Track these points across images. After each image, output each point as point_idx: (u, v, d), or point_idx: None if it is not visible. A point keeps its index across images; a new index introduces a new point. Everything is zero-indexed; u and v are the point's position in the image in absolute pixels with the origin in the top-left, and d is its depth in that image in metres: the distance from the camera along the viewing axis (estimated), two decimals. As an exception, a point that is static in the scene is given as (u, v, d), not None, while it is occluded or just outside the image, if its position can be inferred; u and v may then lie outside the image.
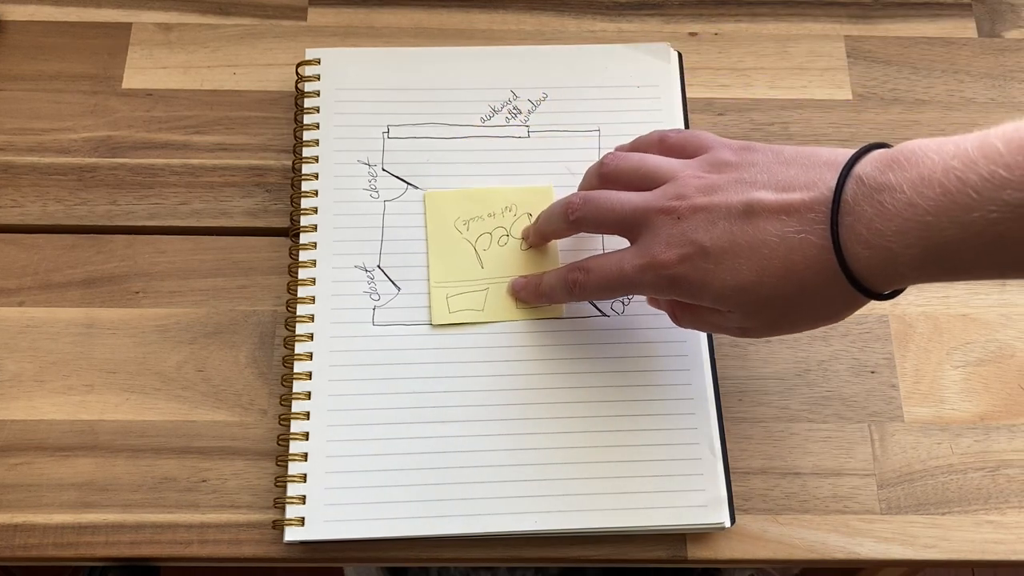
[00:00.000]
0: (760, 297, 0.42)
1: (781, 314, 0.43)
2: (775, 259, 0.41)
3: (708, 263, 0.43)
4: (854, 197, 0.39)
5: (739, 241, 0.42)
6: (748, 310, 0.43)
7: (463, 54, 0.60)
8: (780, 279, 0.41)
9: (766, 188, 0.42)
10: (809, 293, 0.41)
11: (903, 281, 0.40)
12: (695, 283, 0.44)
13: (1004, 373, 0.54)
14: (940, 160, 0.37)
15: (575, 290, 0.49)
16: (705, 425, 0.51)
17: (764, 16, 0.64)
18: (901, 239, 0.37)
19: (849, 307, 0.43)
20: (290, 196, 0.57)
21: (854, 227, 0.39)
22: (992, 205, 0.35)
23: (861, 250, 0.39)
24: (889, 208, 0.38)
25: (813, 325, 0.45)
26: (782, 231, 0.41)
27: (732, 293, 0.43)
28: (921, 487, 0.51)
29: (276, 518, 0.50)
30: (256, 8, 0.63)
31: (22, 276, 0.55)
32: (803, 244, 0.40)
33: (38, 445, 0.51)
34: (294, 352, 0.52)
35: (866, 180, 0.39)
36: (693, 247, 0.43)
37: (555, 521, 0.49)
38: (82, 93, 0.60)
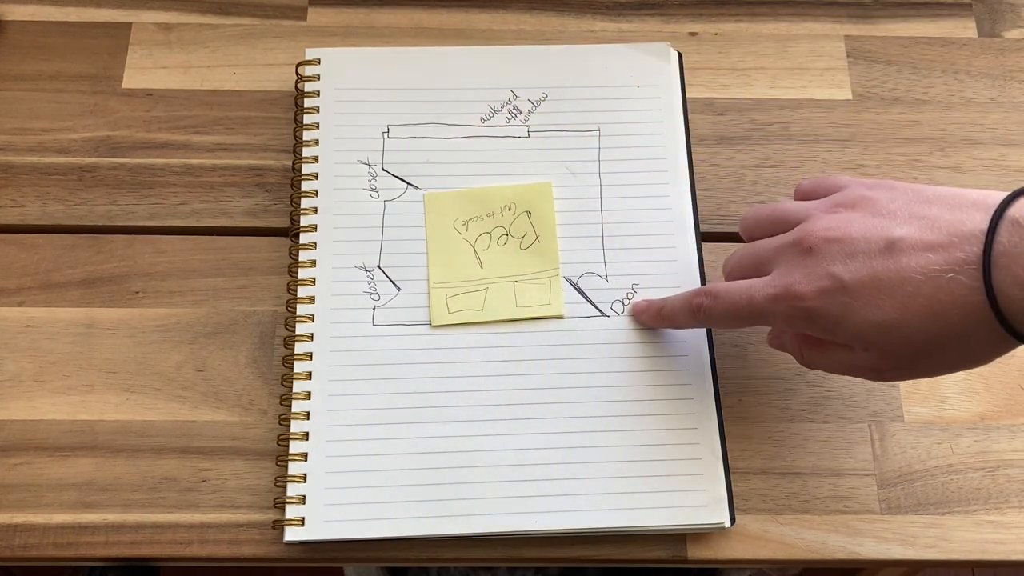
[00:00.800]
0: (902, 337, 0.41)
1: (921, 356, 0.42)
2: (920, 298, 0.40)
3: (847, 297, 0.41)
4: (1010, 239, 0.38)
5: (880, 277, 0.41)
6: (887, 350, 0.42)
7: (463, 54, 0.60)
8: (925, 319, 0.40)
9: (908, 225, 0.41)
10: (956, 336, 0.40)
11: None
12: (833, 317, 0.42)
13: (1004, 373, 0.54)
14: None
15: (699, 315, 0.48)
16: (705, 425, 0.51)
17: (764, 16, 0.64)
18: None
19: (995, 352, 0.41)
20: (290, 196, 0.57)
21: (1011, 268, 0.38)
22: None
23: (1017, 292, 0.37)
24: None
25: (953, 368, 0.43)
26: (927, 269, 0.40)
27: (872, 330, 0.41)
28: (921, 487, 0.51)
29: (276, 518, 0.50)
30: (256, 8, 0.63)
31: (22, 276, 0.55)
32: (951, 284, 0.39)
33: (38, 445, 0.51)
34: (294, 352, 0.52)
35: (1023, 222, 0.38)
36: (831, 280, 0.42)
37: (555, 521, 0.49)
38: (82, 93, 0.60)
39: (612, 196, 0.56)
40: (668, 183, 0.57)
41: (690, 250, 0.55)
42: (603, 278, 0.54)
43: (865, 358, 0.43)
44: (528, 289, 0.54)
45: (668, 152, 0.57)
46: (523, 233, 0.55)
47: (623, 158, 0.57)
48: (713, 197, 0.58)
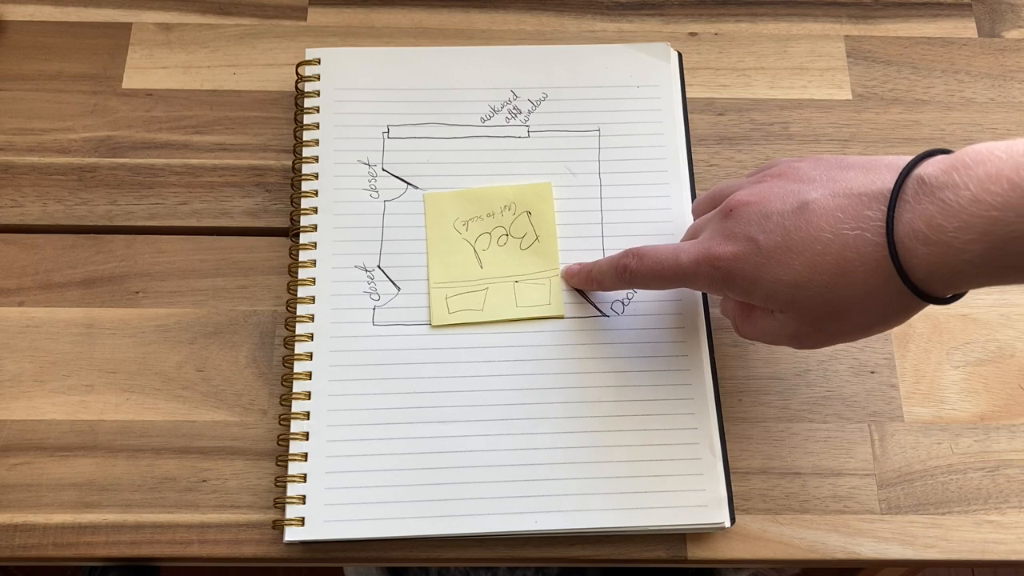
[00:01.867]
0: (811, 296, 0.41)
1: (832, 316, 0.42)
2: (828, 255, 0.40)
3: (761, 258, 0.42)
4: (914, 196, 0.38)
5: (792, 237, 0.42)
6: (799, 311, 0.43)
7: (463, 54, 0.60)
8: (832, 276, 0.41)
9: (822, 187, 0.42)
10: (862, 293, 0.41)
11: (962, 282, 0.39)
12: (748, 278, 0.43)
13: (1004, 373, 0.54)
14: (1009, 158, 0.36)
15: (625, 275, 0.49)
16: (705, 425, 0.51)
17: (764, 16, 0.64)
18: (963, 234, 0.37)
19: (904, 311, 0.42)
20: (290, 196, 0.57)
21: (913, 223, 0.38)
22: None
23: (919, 247, 0.38)
24: (952, 205, 0.37)
25: (866, 331, 0.44)
26: (836, 228, 0.40)
27: (784, 290, 0.42)
28: (921, 487, 0.51)
29: (276, 518, 0.50)
30: (256, 8, 0.63)
31: (22, 276, 0.55)
32: (857, 241, 0.40)
33: (38, 445, 0.51)
34: (294, 352, 0.52)
35: (928, 179, 0.38)
36: (747, 242, 0.43)
37: (555, 521, 0.49)
38: (82, 93, 0.60)
39: (612, 196, 0.56)
40: (668, 183, 0.57)
41: (690, 250, 0.55)
42: (603, 278, 0.54)
43: (783, 322, 0.44)
44: (528, 289, 0.54)
45: (668, 152, 0.57)
46: (523, 233, 0.55)
47: (623, 158, 0.57)
48: (713, 197, 0.58)
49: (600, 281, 0.51)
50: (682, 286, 0.47)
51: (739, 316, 0.47)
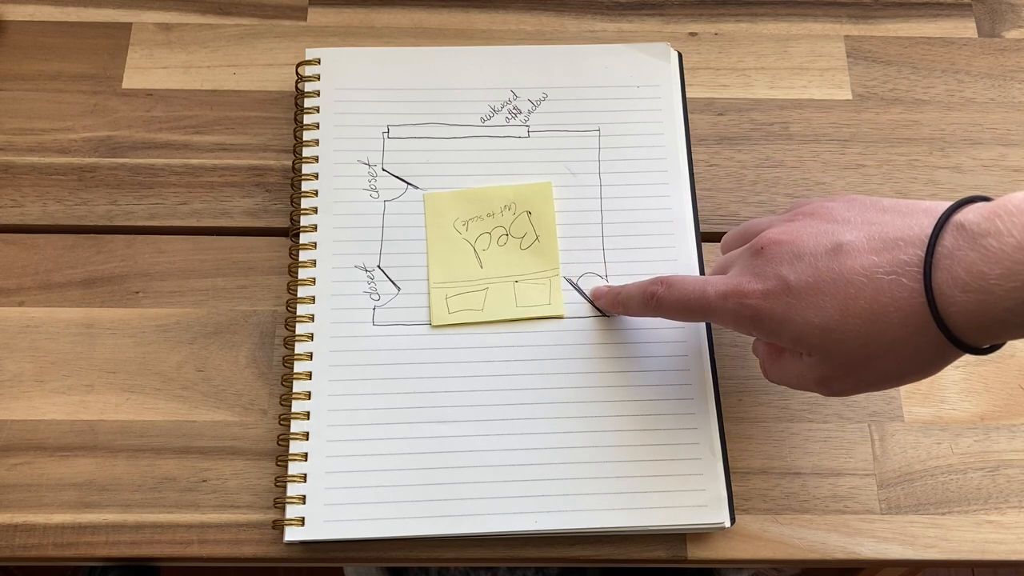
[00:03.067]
0: (842, 340, 0.40)
1: (863, 362, 0.41)
2: (861, 300, 0.39)
3: (791, 298, 0.41)
4: (954, 242, 0.38)
5: (824, 278, 0.41)
6: (827, 353, 0.41)
7: (463, 54, 0.60)
8: (865, 321, 0.39)
9: (858, 230, 0.41)
10: (896, 340, 0.39)
11: (1002, 331, 0.38)
12: (776, 318, 0.42)
13: (1004, 373, 0.54)
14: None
15: (651, 303, 0.48)
16: (705, 425, 0.51)
17: (764, 16, 0.64)
18: (1006, 281, 0.36)
19: (939, 360, 0.40)
20: (290, 196, 0.57)
21: (952, 269, 0.37)
22: None
23: (958, 294, 0.37)
24: (995, 252, 0.36)
25: (899, 380, 0.42)
26: (871, 272, 0.39)
27: (813, 332, 0.41)
28: (921, 487, 0.51)
29: (276, 518, 0.50)
30: (256, 8, 0.63)
31: (22, 276, 0.55)
32: (892, 286, 0.39)
33: (38, 445, 0.51)
34: (294, 352, 0.52)
35: (968, 226, 0.37)
36: (777, 281, 0.42)
37: (555, 521, 0.49)
38: (82, 93, 0.60)
39: (612, 196, 0.56)
40: (668, 183, 0.57)
41: (690, 250, 0.55)
42: (603, 278, 0.54)
43: (811, 365, 0.43)
44: (528, 289, 0.54)
45: (668, 152, 0.57)
46: (523, 233, 0.55)
47: (623, 158, 0.57)
48: (713, 197, 0.58)
49: (627, 305, 0.51)
50: (708, 320, 0.46)
51: (768, 358, 0.46)
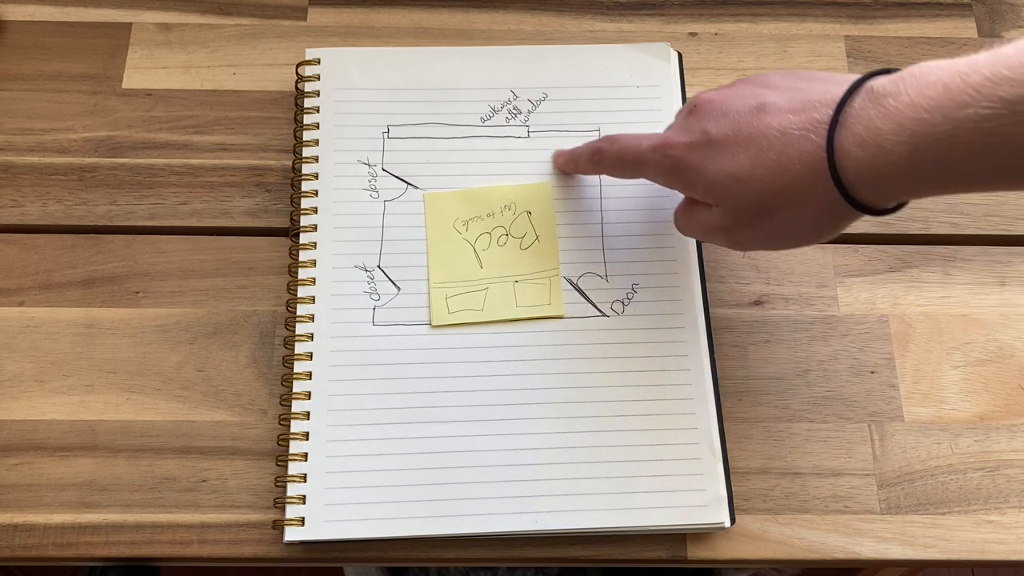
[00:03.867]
0: (747, 189, 0.43)
1: (765, 212, 0.43)
2: (771, 152, 0.42)
3: (709, 149, 0.44)
4: (861, 103, 0.39)
5: (742, 132, 0.43)
6: (734, 203, 0.44)
7: (463, 54, 0.60)
8: (771, 172, 0.42)
9: (783, 93, 0.43)
10: (796, 191, 0.42)
11: (890, 187, 0.40)
12: (694, 168, 0.45)
13: (1004, 373, 0.54)
14: (949, 67, 0.37)
15: (596, 157, 0.52)
16: (705, 425, 0.51)
17: (764, 16, 0.64)
18: (894, 136, 0.38)
19: (834, 219, 0.42)
20: (290, 196, 0.57)
21: (853, 128, 0.39)
22: (986, 102, 0.35)
23: (855, 149, 0.39)
24: (891, 109, 0.38)
25: (795, 236, 0.45)
26: (785, 126, 0.42)
27: (723, 179, 0.43)
28: (921, 487, 0.51)
29: (276, 518, 0.50)
30: (256, 8, 0.63)
31: (22, 276, 0.55)
32: (801, 141, 0.41)
33: (38, 445, 0.51)
34: (294, 352, 0.52)
35: (876, 88, 0.39)
36: (701, 135, 0.45)
37: (555, 521, 0.49)
38: (82, 93, 0.60)
39: (612, 196, 0.56)
40: (668, 183, 0.57)
41: (690, 250, 0.55)
42: (603, 278, 0.54)
43: (716, 214, 0.45)
44: (528, 289, 0.54)
45: (668, 152, 0.57)
46: (523, 233, 0.55)
47: (623, 158, 0.57)
48: (713, 197, 0.58)
49: (577, 162, 0.54)
50: (641, 175, 0.49)
51: (681, 209, 0.49)
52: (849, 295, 0.56)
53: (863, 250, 0.57)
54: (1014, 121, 0.35)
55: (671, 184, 0.47)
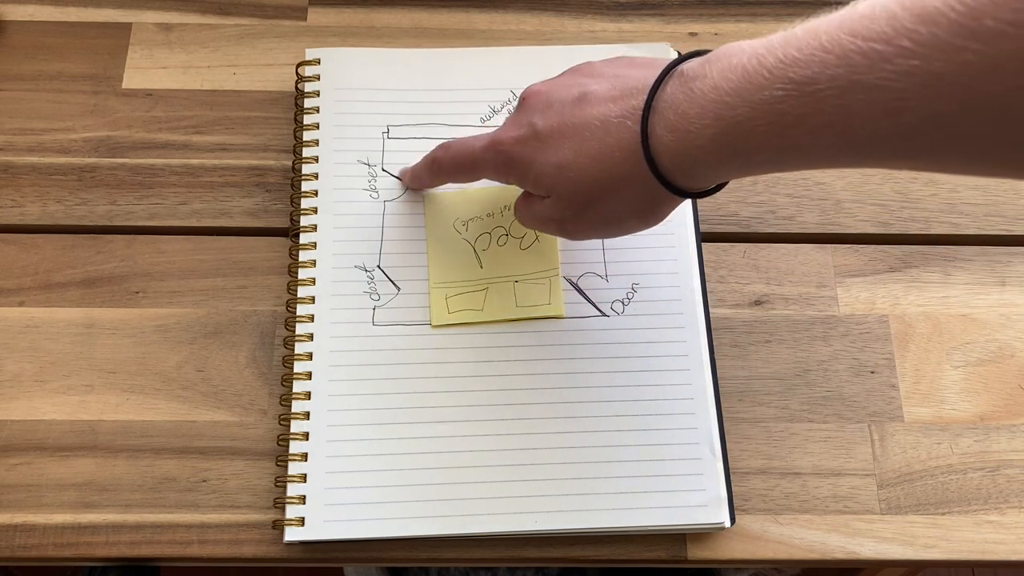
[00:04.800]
0: (573, 178, 0.43)
1: (590, 200, 0.44)
2: (592, 140, 0.42)
3: (537, 142, 0.45)
4: (672, 88, 0.40)
5: (566, 123, 0.44)
6: (562, 193, 0.44)
7: (463, 54, 0.60)
8: (592, 160, 0.42)
9: (604, 81, 0.44)
10: (617, 178, 0.42)
11: (701, 170, 0.40)
12: (524, 161, 0.45)
13: (1004, 373, 0.54)
14: (749, 50, 0.38)
15: (435, 167, 0.52)
16: (705, 425, 0.51)
17: (764, 16, 0.64)
18: (699, 120, 0.38)
19: (657, 204, 0.43)
20: (290, 196, 0.57)
21: (664, 112, 0.40)
22: (779, 83, 0.36)
23: (666, 134, 0.40)
24: (696, 93, 0.39)
25: (621, 222, 0.45)
26: (605, 115, 0.42)
27: (550, 171, 0.44)
28: (921, 487, 0.51)
29: (276, 518, 0.50)
30: (256, 8, 0.63)
31: (22, 276, 0.55)
32: (619, 128, 0.42)
33: (38, 445, 0.51)
34: (294, 352, 0.52)
35: (686, 72, 0.40)
36: (528, 128, 0.45)
37: (555, 521, 0.49)
38: (82, 93, 0.60)
39: (612, 196, 0.56)
40: (668, 183, 0.57)
41: (690, 250, 0.55)
42: (603, 278, 0.54)
43: (548, 205, 0.46)
44: (528, 289, 0.54)
45: (668, 152, 0.57)
46: (523, 233, 0.55)
47: (623, 158, 0.57)
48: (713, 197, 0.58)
49: (419, 177, 0.54)
50: (480, 175, 0.50)
51: (520, 201, 0.49)
52: (849, 295, 0.56)
53: (863, 250, 0.57)
54: (804, 102, 0.35)
55: (507, 180, 0.48)
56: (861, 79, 0.33)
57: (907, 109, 0.32)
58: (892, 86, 0.32)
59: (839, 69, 0.34)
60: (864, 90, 0.33)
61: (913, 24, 0.31)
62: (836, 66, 0.34)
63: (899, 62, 0.32)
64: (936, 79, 0.31)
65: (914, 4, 0.31)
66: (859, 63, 0.33)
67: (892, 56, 0.32)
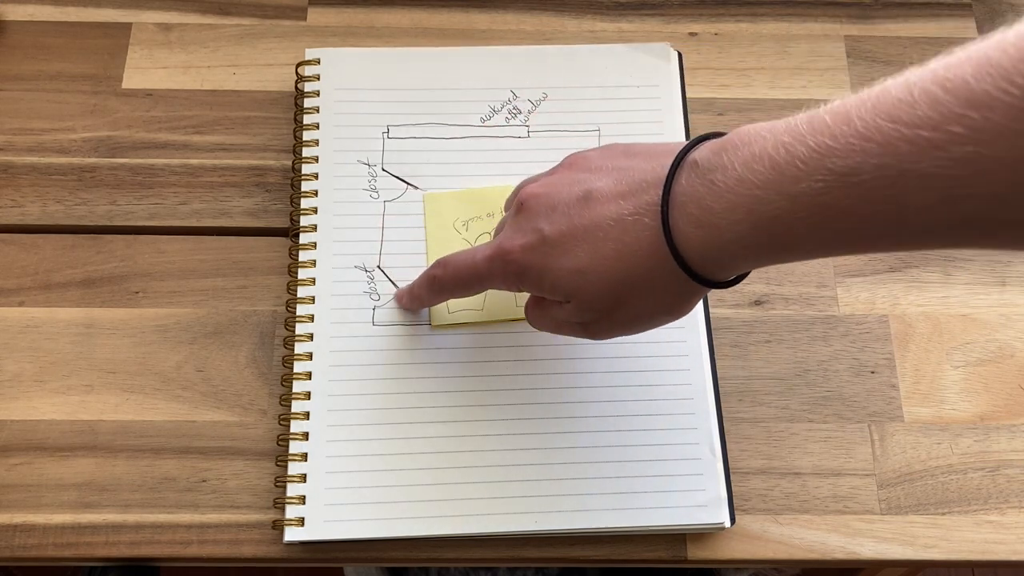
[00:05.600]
0: (594, 282, 0.42)
1: (616, 302, 0.42)
2: (609, 241, 0.41)
3: (547, 247, 0.43)
4: (688, 180, 0.39)
5: (576, 224, 0.42)
6: (584, 298, 0.43)
7: (463, 54, 0.60)
8: (613, 261, 0.41)
9: (607, 177, 0.42)
10: (642, 277, 0.41)
11: (734, 263, 0.39)
12: (537, 269, 0.43)
13: (1004, 373, 0.54)
14: (771, 137, 0.36)
15: (435, 286, 0.49)
16: (705, 425, 0.51)
17: (764, 16, 0.64)
18: (730, 215, 0.37)
19: (685, 297, 0.42)
20: (290, 196, 0.57)
21: (685, 206, 0.38)
22: (818, 175, 0.34)
23: (691, 230, 0.38)
24: (720, 186, 0.37)
25: (651, 319, 0.44)
26: (618, 214, 0.41)
27: (568, 277, 0.42)
28: (921, 487, 0.51)
29: (276, 518, 0.50)
30: (256, 8, 0.63)
31: (22, 276, 0.55)
32: (636, 225, 0.40)
33: (38, 445, 0.51)
34: (294, 352, 0.52)
35: (700, 163, 0.38)
36: (535, 234, 0.43)
37: (555, 521, 0.49)
38: (82, 93, 0.60)
39: (612, 196, 0.56)
40: (668, 183, 0.57)
41: (690, 250, 0.55)
42: (603, 278, 0.54)
43: (569, 311, 0.44)
44: (528, 289, 0.54)
45: (668, 152, 0.57)
46: (523, 233, 0.55)
47: (623, 158, 0.57)
48: (713, 197, 0.58)
49: (419, 297, 0.51)
50: (486, 287, 0.48)
51: (531, 304, 0.47)
52: (849, 295, 0.56)
53: (863, 250, 0.57)
54: (849, 193, 0.34)
55: (518, 289, 0.46)
56: (912, 168, 0.32)
57: (965, 196, 0.31)
58: (947, 174, 0.31)
59: (885, 158, 0.32)
60: (917, 179, 0.32)
61: (963, 109, 0.30)
62: (880, 155, 0.32)
63: (954, 149, 0.31)
64: (997, 164, 0.30)
65: (956, 87, 0.30)
66: (906, 151, 0.32)
67: (944, 143, 0.31)
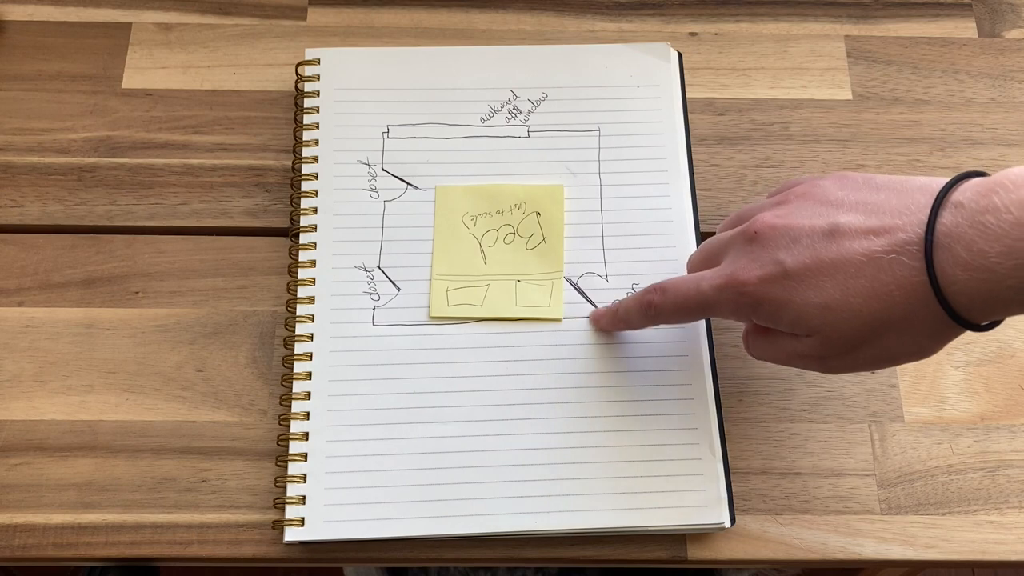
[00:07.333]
0: (843, 319, 0.40)
1: (863, 340, 0.41)
2: (861, 279, 0.39)
3: (789, 281, 0.41)
4: (953, 220, 0.37)
5: (823, 259, 0.40)
6: (829, 333, 0.41)
7: (463, 54, 0.60)
8: (867, 299, 0.39)
9: (853, 211, 0.41)
10: (897, 318, 0.39)
11: (1006, 309, 0.38)
12: (776, 303, 0.42)
13: (1004, 373, 0.54)
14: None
15: (651, 312, 0.48)
16: (705, 425, 0.51)
17: (764, 16, 0.64)
18: (1007, 259, 0.36)
19: (939, 339, 0.41)
20: (290, 196, 0.57)
21: (952, 248, 0.37)
22: None
23: (959, 273, 0.37)
24: (994, 229, 0.36)
25: (896, 359, 0.42)
26: (870, 250, 0.39)
27: (814, 312, 0.41)
28: (921, 487, 0.51)
29: (276, 518, 0.50)
30: (256, 8, 0.63)
31: (22, 276, 0.55)
32: (893, 265, 0.39)
33: (38, 445, 0.51)
34: (294, 352, 0.52)
35: (966, 204, 0.37)
36: (775, 266, 0.42)
37: (555, 521, 0.49)
38: (82, 93, 0.60)
39: (612, 196, 0.56)
40: (668, 183, 0.57)
41: (690, 250, 0.55)
42: (603, 278, 0.54)
43: (809, 344, 0.42)
44: (529, 289, 0.54)
45: (668, 152, 0.57)
46: (530, 233, 0.55)
47: (623, 158, 0.57)
48: (713, 197, 0.58)
49: (627, 320, 0.50)
50: (707, 316, 0.46)
51: (753, 334, 0.46)
52: (849, 295, 0.56)
53: (863, 250, 0.57)
54: None
55: (747, 319, 0.45)
56: None
57: None
58: None
59: None
60: None
61: None
62: None
63: None
64: None
65: None
66: None
67: None
